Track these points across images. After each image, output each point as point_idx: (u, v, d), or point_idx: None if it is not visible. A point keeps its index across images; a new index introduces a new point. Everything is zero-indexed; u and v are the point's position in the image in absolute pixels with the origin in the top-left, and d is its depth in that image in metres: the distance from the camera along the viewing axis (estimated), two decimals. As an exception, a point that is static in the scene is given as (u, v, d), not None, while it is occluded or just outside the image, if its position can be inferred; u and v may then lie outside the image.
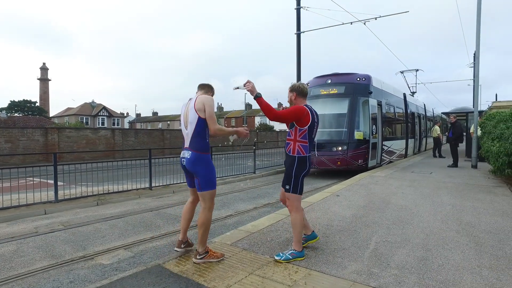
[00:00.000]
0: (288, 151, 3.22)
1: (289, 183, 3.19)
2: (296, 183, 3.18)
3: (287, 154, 3.26)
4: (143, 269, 3.07)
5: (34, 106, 51.82)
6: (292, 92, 3.30)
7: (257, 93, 3.05)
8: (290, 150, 3.20)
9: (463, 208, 5.29)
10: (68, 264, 3.62)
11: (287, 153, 3.24)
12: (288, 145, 3.23)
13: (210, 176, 3.12)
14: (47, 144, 17.21)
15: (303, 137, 3.18)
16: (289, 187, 3.19)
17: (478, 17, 10.81)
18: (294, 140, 3.19)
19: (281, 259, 3.15)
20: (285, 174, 3.26)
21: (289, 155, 3.22)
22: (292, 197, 3.21)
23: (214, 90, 3.36)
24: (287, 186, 3.21)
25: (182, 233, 3.46)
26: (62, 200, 6.61)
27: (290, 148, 3.21)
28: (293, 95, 3.29)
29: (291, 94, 3.29)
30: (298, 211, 3.22)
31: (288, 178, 3.20)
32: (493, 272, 2.94)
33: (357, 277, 2.86)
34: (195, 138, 3.07)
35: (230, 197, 7.48)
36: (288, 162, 3.23)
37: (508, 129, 7.61)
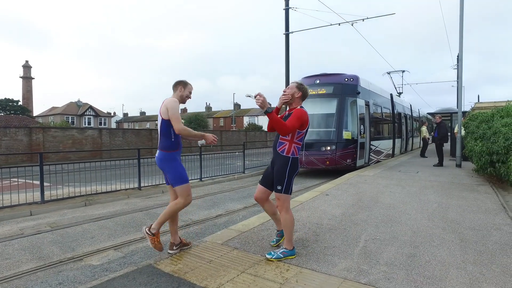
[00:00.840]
0: (281, 151, 3.18)
1: (281, 183, 3.16)
2: (288, 183, 3.18)
3: (279, 154, 3.19)
4: (134, 269, 3.05)
5: (16, 105, 50.37)
6: (299, 90, 3.26)
7: (268, 107, 2.94)
8: (284, 151, 3.17)
9: (449, 206, 5.44)
10: (56, 266, 3.55)
11: (279, 153, 3.19)
12: (282, 145, 3.18)
13: (176, 172, 3.30)
14: (31, 144, 16.78)
15: (300, 139, 3.21)
16: (281, 188, 3.16)
17: (460, 21, 11.11)
18: (290, 141, 3.17)
19: (273, 258, 3.18)
20: (276, 174, 3.20)
21: (281, 155, 3.18)
22: (283, 197, 3.20)
23: (185, 83, 3.44)
24: (278, 186, 3.17)
25: (173, 235, 3.50)
26: (48, 201, 6.47)
27: (284, 148, 3.17)
28: (299, 94, 3.26)
29: (296, 92, 3.24)
30: (288, 211, 3.23)
31: (280, 178, 3.16)
32: (477, 267, 3.04)
33: (348, 274, 2.91)
34: (161, 137, 3.33)
35: (220, 197, 7.47)
36: (280, 163, 3.18)
37: (489, 129, 7.86)
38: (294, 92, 3.26)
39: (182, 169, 3.33)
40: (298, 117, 3.10)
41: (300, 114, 3.12)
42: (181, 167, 3.33)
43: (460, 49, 11.57)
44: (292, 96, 3.25)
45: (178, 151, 3.36)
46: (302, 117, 3.12)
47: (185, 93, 3.43)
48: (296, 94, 3.26)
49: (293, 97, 3.26)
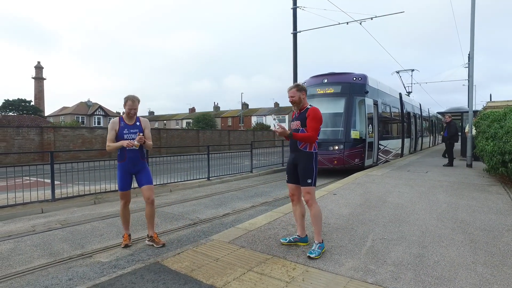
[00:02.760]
0: (304, 148, 3.39)
1: (310, 177, 3.36)
2: (315, 176, 3.41)
3: (302, 152, 3.40)
4: (141, 266, 3.09)
5: (28, 105, 51.37)
6: (301, 91, 3.46)
7: (289, 133, 3.28)
8: (307, 147, 3.39)
9: (458, 206, 5.36)
10: (66, 262, 3.62)
11: (302, 150, 3.39)
12: (302, 143, 3.39)
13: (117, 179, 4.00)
14: (42, 143, 17.10)
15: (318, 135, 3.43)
16: (311, 181, 3.37)
17: (472, 18, 10.92)
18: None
19: (316, 256, 3.22)
20: (303, 171, 3.37)
21: (305, 152, 3.39)
22: (312, 190, 3.39)
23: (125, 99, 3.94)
24: (308, 180, 3.36)
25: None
26: (59, 199, 6.59)
27: (305, 145, 3.39)
28: (303, 94, 3.46)
29: (300, 94, 3.43)
30: (316, 203, 3.46)
31: (309, 172, 3.36)
32: (488, 268, 2.99)
33: (354, 273, 2.90)
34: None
35: (228, 196, 7.50)
36: (305, 160, 3.39)
37: (501, 128, 7.71)
38: (299, 96, 3.44)
39: (119, 179, 3.99)
40: (316, 119, 3.35)
41: (316, 115, 3.35)
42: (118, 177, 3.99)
43: (471, 47, 11.36)
44: (299, 99, 3.44)
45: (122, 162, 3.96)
46: (319, 116, 3.37)
47: (126, 110, 3.95)
48: (301, 96, 3.45)
49: (301, 99, 3.45)
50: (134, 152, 3.94)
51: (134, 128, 3.99)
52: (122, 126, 3.95)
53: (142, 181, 4.04)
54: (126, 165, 3.95)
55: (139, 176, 4.05)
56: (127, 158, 3.92)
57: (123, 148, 3.89)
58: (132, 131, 3.96)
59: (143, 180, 4.04)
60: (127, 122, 3.99)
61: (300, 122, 3.41)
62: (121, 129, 3.94)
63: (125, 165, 3.95)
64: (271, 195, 7.54)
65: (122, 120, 3.99)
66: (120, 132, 3.93)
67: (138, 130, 3.99)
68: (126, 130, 3.94)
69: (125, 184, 4.01)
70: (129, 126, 3.98)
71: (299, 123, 3.42)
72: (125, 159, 3.92)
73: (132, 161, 3.96)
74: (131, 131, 3.96)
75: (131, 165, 3.96)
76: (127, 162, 3.94)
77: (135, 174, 4.04)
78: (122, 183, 3.99)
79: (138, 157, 4.00)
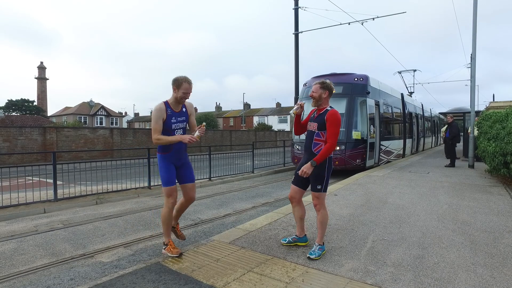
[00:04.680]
0: (318, 151, 3.25)
1: (321, 183, 3.27)
2: (326, 182, 3.31)
3: (314, 154, 3.26)
4: (143, 267, 3.11)
5: (31, 105, 51.69)
6: (325, 90, 3.30)
7: (313, 164, 3.16)
8: (321, 150, 3.23)
9: (459, 207, 5.35)
10: (68, 262, 3.65)
11: (316, 153, 3.25)
12: (318, 146, 3.27)
13: (160, 173, 3.39)
14: (45, 144, 17.19)
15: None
16: (321, 187, 3.28)
17: (474, 18, 10.89)
18: (324, 142, 3.25)
19: (316, 257, 3.23)
20: (314, 175, 3.25)
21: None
22: (322, 196, 3.33)
23: (179, 83, 3.26)
24: (318, 186, 3.27)
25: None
26: (61, 199, 6.63)
27: (320, 148, 3.25)
28: (326, 93, 3.31)
29: (323, 92, 3.29)
30: (325, 207, 3.41)
31: (320, 178, 3.26)
32: (488, 269, 2.99)
33: (354, 274, 2.91)
34: None
35: (229, 196, 7.52)
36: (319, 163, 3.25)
37: (503, 129, 7.69)
38: (321, 94, 3.30)
39: (163, 172, 3.35)
40: (336, 124, 3.21)
41: (336, 120, 3.20)
42: (163, 170, 3.35)
43: (473, 48, 11.33)
44: (319, 97, 3.31)
45: (166, 154, 3.36)
46: (339, 120, 3.23)
47: (179, 96, 3.28)
48: (323, 94, 3.31)
49: (321, 97, 3.31)
50: (180, 143, 3.32)
51: (181, 115, 3.38)
52: (170, 113, 3.30)
53: (186, 177, 3.50)
54: (171, 157, 3.36)
55: (183, 171, 3.48)
56: (173, 149, 3.33)
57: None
58: (180, 120, 3.37)
59: (187, 176, 3.50)
60: (174, 109, 3.34)
61: (318, 125, 3.27)
62: (168, 117, 3.28)
63: (170, 157, 3.36)
64: (272, 196, 7.55)
65: (168, 107, 3.31)
66: (167, 120, 3.28)
67: (185, 118, 3.42)
68: (173, 118, 3.32)
69: (172, 176, 3.37)
70: (176, 114, 3.35)
71: (316, 126, 3.28)
72: (171, 150, 3.33)
73: (179, 153, 3.39)
74: (178, 119, 3.35)
75: (177, 158, 3.39)
76: (173, 154, 3.35)
77: (178, 168, 3.46)
78: (169, 175, 3.34)
79: (184, 148, 3.44)
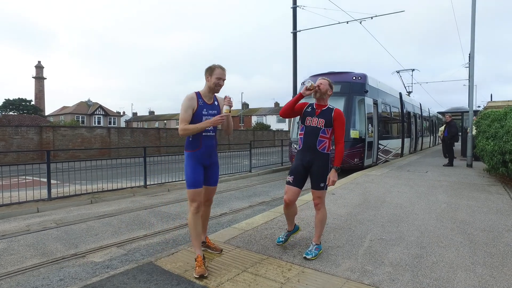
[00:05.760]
0: (322, 149, 3.19)
1: (324, 180, 3.19)
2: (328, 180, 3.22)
3: (320, 153, 3.18)
4: (134, 267, 3.03)
5: (29, 105, 51.38)
6: (331, 88, 3.32)
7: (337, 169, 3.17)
8: (325, 148, 3.20)
9: (458, 206, 5.29)
10: (59, 262, 3.57)
11: (320, 151, 3.18)
12: (322, 143, 3.19)
13: (186, 174, 3.05)
14: (41, 143, 17.06)
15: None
16: (324, 185, 3.21)
17: (472, 18, 10.85)
18: (329, 139, 3.23)
19: (313, 257, 3.16)
20: (318, 173, 3.17)
21: (323, 153, 3.20)
22: (324, 194, 3.27)
23: (212, 70, 3.03)
24: (321, 184, 3.19)
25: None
26: (55, 198, 6.54)
27: (325, 146, 3.20)
28: (330, 92, 3.32)
29: (329, 89, 3.29)
30: (325, 207, 3.33)
31: (323, 176, 3.18)
32: (487, 269, 2.93)
33: (351, 274, 2.84)
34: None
35: (226, 196, 7.44)
36: (322, 161, 3.19)
37: (502, 128, 7.64)
38: (327, 89, 3.28)
39: (190, 171, 3.01)
40: (344, 124, 3.25)
41: (344, 120, 3.24)
42: (190, 169, 3.01)
43: (471, 47, 11.30)
44: (325, 92, 3.28)
45: (194, 151, 3.04)
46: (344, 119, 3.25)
47: (212, 82, 3.01)
48: (328, 91, 3.30)
49: (326, 93, 3.29)
50: (211, 139, 3.10)
51: (213, 108, 3.11)
52: (201, 104, 3.02)
53: (211, 179, 3.22)
54: (201, 155, 3.03)
55: (210, 172, 3.18)
56: (203, 146, 3.02)
57: (198, 133, 3.02)
58: (211, 113, 3.07)
59: (212, 178, 3.22)
60: (206, 100, 3.07)
61: (325, 121, 3.19)
62: (199, 108, 3.01)
63: (199, 154, 3.03)
64: (269, 195, 7.48)
65: (200, 97, 3.05)
66: (198, 112, 3.00)
67: (217, 112, 3.12)
68: (205, 110, 3.04)
69: (199, 178, 3.02)
70: (208, 106, 3.07)
71: (323, 122, 3.18)
72: (201, 146, 3.03)
73: (209, 150, 3.09)
74: (210, 112, 3.07)
75: (207, 155, 3.07)
76: (203, 151, 3.04)
77: (206, 168, 3.14)
78: (196, 177, 2.99)
79: (214, 146, 3.16)
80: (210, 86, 3.03)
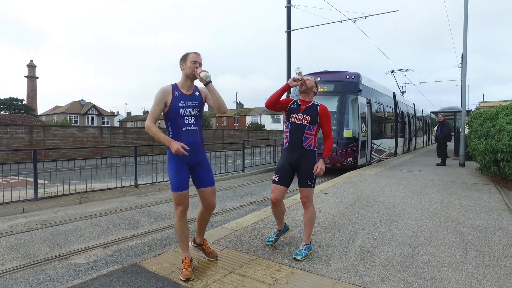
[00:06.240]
0: (309, 146, 3.14)
1: (311, 178, 3.14)
2: (315, 177, 3.19)
3: (306, 150, 3.13)
4: (119, 268, 2.93)
5: (20, 104, 50.64)
6: (316, 87, 3.29)
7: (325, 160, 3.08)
8: (311, 145, 3.15)
9: (450, 205, 5.27)
10: (41, 264, 3.44)
11: (307, 148, 3.13)
12: (308, 140, 3.14)
13: (169, 175, 2.82)
14: (31, 142, 16.77)
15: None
16: (311, 182, 3.16)
17: (465, 18, 10.88)
18: (315, 136, 3.19)
19: (303, 258, 3.08)
20: (305, 170, 3.12)
21: (310, 150, 3.15)
22: (311, 192, 3.20)
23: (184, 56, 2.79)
24: (309, 181, 3.14)
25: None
26: (42, 198, 6.38)
27: (311, 143, 3.15)
28: (316, 90, 3.29)
29: (315, 87, 3.26)
30: (313, 205, 3.25)
31: (310, 173, 3.12)
32: (479, 268, 2.88)
33: (341, 275, 2.77)
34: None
35: (217, 195, 7.30)
36: (309, 158, 3.14)
37: (494, 127, 7.66)
38: (312, 86, 3.25)
39: (173, 173, 2.77)
40: (330, 119, 3.22)
41: (330, 115, 3.22)
42: (172, 171, 2.77)
43: (464, 46, 11.33)
44: (311, 88, 3.24)
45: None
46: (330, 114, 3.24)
47: (188, 67, 2.74)
48: (314, 88, 3.28)
49: (312, 90, 3.25)
50: (193, 135, 2.76)
51: (193, 99, 2.78)
52: (177, 96, 2.73)
53: (204, 180, 2.88)
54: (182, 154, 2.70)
55: (199, 172, 2.87)
56: (184, 143, 2.69)
57: (176, 128, 2.71)
58: (191, 104, 2.75)
59: (205, 179, 2.89)
60: (184, 91, 2.77)
61: (310, 118, 3.12)
62: (175, 100, 2.71)
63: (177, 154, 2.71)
64: (262, 194, 7.40)
65: (176, 88, 2.76)
66: (174, 104, 2.70)
67: (198, 103, 2.81)
68: (182, 102, 2.72)
69: (183, 180, 2.77)
70: (187, 97, 2.76)
71: (309, 118, 3.11)
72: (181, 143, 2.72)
73: (192, 147, 2.74)
74: (189, 104, 2.75)
75: (191, 153, 2.73)
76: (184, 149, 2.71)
77: (192, 168, 2.86)
78: (179, 179, 2.74)
79: (198, 142, 2.81)
80: (187, 73, 2.75)
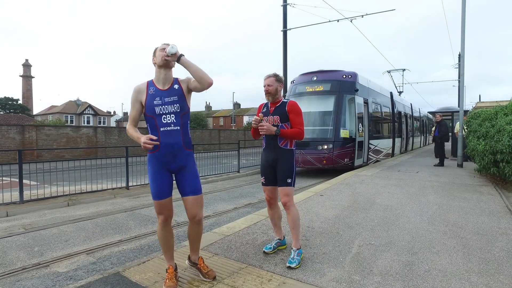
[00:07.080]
0: (285, 146, 3.10)
1: (290, 176, 3.08)
2: (295, 175, 3.14)
3: (282, 149, 3.09)
4: (98, 278, 2.73)
5: (16, 104, 50.18)
6: (279, 82, 3.17)
7: (276, 130, 3.00)
8: (287, 144, 3.11)
9: (450, 208, 5.10)
10: (16, 274, 3.22)
11: (283, 148, 3.09)
12: (283, 140, 3.09)
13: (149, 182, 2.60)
14: (24, 143, 16.46)
15: None
16: (291, 180, 3.09)
17: (462, 18, 10.76)
18: None
19: (297, 265, 2.92)
20: (283, 169, 3.07)
21: (286, 149, 3.11)
22: (292, 192, 3.12)
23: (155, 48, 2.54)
24: (288, 180, 3.07)
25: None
26: (28, 200, 6.15)
27: (286, 142, 3.10)
28: (280, 86, 3.19)
29: (278, 85, 3.15)
30: (295, 205, 3.15)
31: (289, 171, 3.08)
32: (482, 277, 2.71)
33: (337, 285, 2.59)
34: None
35: (211, 197, 7.14)
36: (286, 157, 3.10)
37: (493, 127, 7.52)
38: (277, 87, 3.15)
39: (151, 179, 2.53)
40: (300, 113, 3.15)
41: (299, 109, 3.13)
42: (150, 177, 2.54)
43: (461, 47, 11.20)
44: (276, 91, 3.14)
45: (153, 153, 2.49)
46: (301, 110, 3.17)
47: (158, 56, 2.49)
48: (279, 87, 3.18)
49: (277, 91, 3.16)
50: (173, 136, 2.46)
51: (171, 94, 2.49)
52: (152, 93, 2.48)
53: (186, 188, 2.56)
54: (161, 157, 2.47)
55: (180, 178, 2.58)
56: (162, 146, 2.44)
57: (154, 129, 2.46)
58: (168, 101, 2.47)
59: (186, 186, 2.56)
60: (159, 86, 2.51)
61: (280, 117, 3.07)
62: (149, 97, 2.47)
63: (159, 156, 2.48)
64: (256, 196, 7.21)
65: (152, 85, 2.51)
66: (148, 103, 2.46)
67: (177, 98, 2.50)
68: (158, 99, 2.46)
69: (162, 186, 2.51)
70: (163, 93, 2.49)
71: (278, 118, 3.08)
72: (159, 146, 2.44)
73: (172, 150, 2.47)
74: (165, 100, 2.47)
75: (170, 157, 2.48)
76: (163, 152, 2.46)
77: (175, 172, 2.58)
78: (157, 186, 2.51)
79: (180, 144, 2.49)
80: (158, 62, 2.48)
